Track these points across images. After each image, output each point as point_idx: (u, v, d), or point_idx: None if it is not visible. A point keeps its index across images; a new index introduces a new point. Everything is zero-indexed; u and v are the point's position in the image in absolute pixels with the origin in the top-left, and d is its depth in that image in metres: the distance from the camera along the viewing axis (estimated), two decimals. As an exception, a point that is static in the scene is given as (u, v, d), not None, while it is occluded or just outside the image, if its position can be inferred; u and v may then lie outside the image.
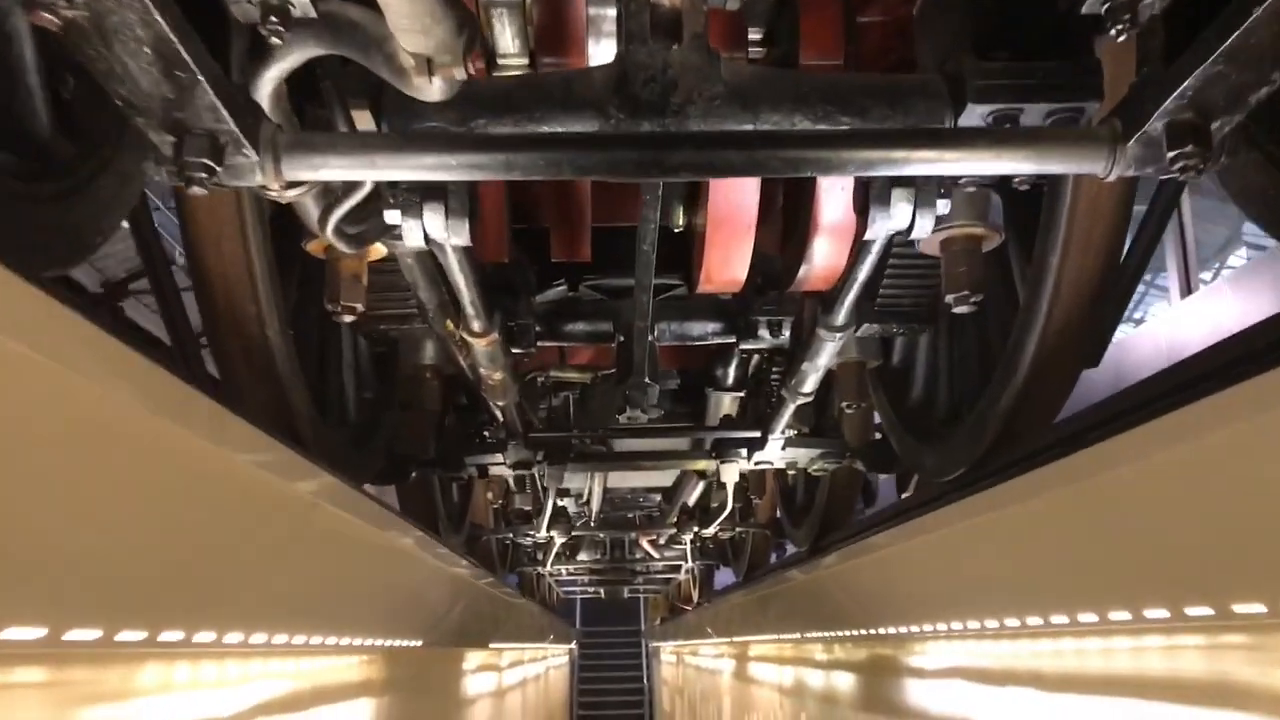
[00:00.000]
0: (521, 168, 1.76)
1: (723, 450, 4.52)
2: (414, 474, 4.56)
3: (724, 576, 14.45)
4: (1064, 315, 2.72)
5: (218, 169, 1.64)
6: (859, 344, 4.04)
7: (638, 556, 11.81)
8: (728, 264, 3.48)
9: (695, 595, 13.04)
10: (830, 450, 4.48)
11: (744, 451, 4.49)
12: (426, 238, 2.29)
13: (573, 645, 20.55)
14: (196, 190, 1.63)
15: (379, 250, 2.76)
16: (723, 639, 8.68)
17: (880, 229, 2.35)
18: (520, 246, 4.14)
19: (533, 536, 7.40)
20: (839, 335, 3.11)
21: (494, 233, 3.55)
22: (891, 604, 4.40)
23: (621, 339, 4.22)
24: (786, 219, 3.76)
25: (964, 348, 3.66)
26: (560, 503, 8.16)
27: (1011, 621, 2.98)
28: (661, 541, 10.82)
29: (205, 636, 2.27)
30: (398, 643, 3.52)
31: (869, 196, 2.32)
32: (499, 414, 4.04)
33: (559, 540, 7.67)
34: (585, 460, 4.69)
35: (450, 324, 3.16)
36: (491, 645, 5.76)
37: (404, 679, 3.79)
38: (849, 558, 4.86)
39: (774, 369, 4.92)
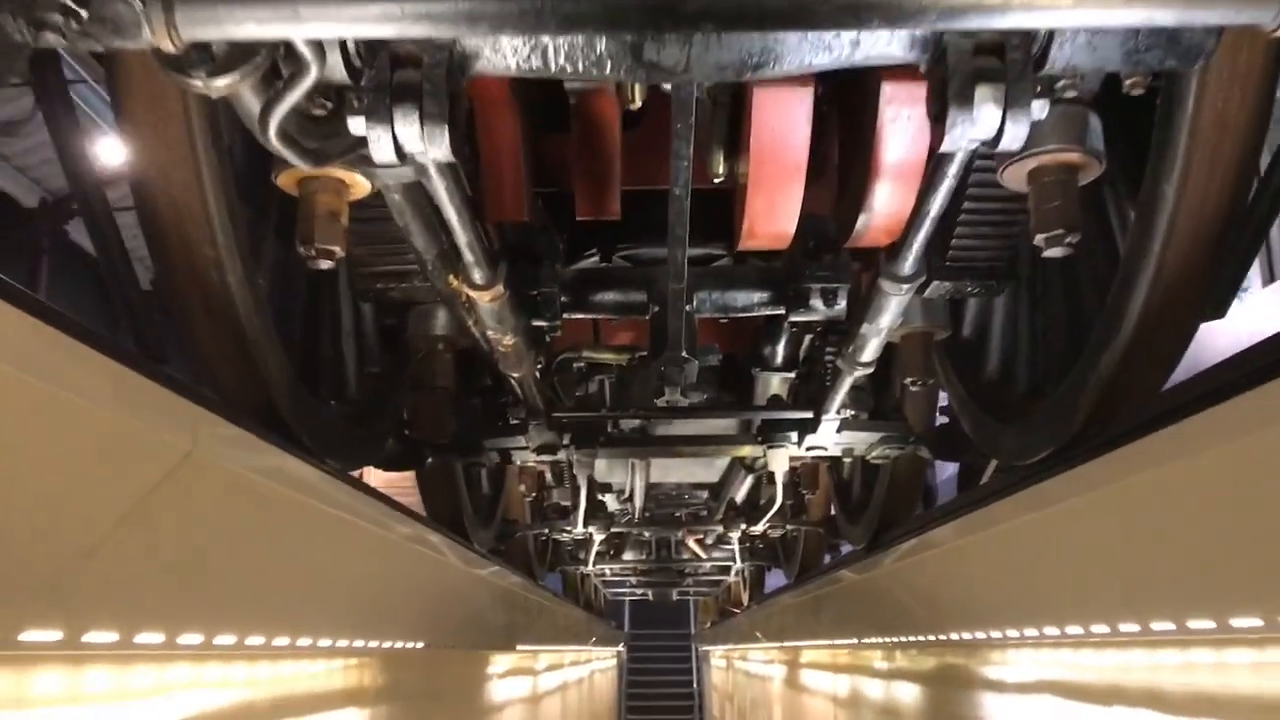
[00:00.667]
0: (490, 18, 1.33)
1: (770, 434, 4.05)
2: (430, 460, 4.16)
3: (775, 579, 13.95)
4: (1181, 255, 2.23)
5: (82, 13, 1.23)
6: (925, 309, 3.56)
7: (685, 557, 11.34)
8: (773, 213, 3.01)
9: (745, 598, 12.55)
10: (892, 434, 3.99)
11: (794, 435, 4.01)
12: (399, 150, 1.86)
13: (620, 648, 20.12)
14: (52, 41, 1.22)
15: (360, 185, 2.36)
16: (773, 643, 8.19)
17: (961, 137, 1.88)
18: (547, 213, 3.73)
19: (570, 533, 6.98)
20: (906, 288, 2.62)
21: (511, 188, 3.13)
22: (963, 606, 3.91)
23: (656, 309, 3.78)
24: (843, 171, 3.30)
25: (1049, 311, 3.16)
26: (601, 498, 7.75)
27: (1129, 626, 2.48)
28: (709, 541, 10.35)
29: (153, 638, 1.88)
30: (384, 644, 3.12)
31: (947, 96, 1.85)
32: (518, 390, 3.61)
33: (598, 537, 7.23)
34: (617, 445, 4.25)
35: (453, 278, 2.74)
36: (520, 647, 5.35)
37: (398, 683, 3.38)
38: (912, 554, 4.38)
39: (828, 347, 4.44)
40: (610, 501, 8.25)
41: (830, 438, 3.88)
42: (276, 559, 2.28)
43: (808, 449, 4.00)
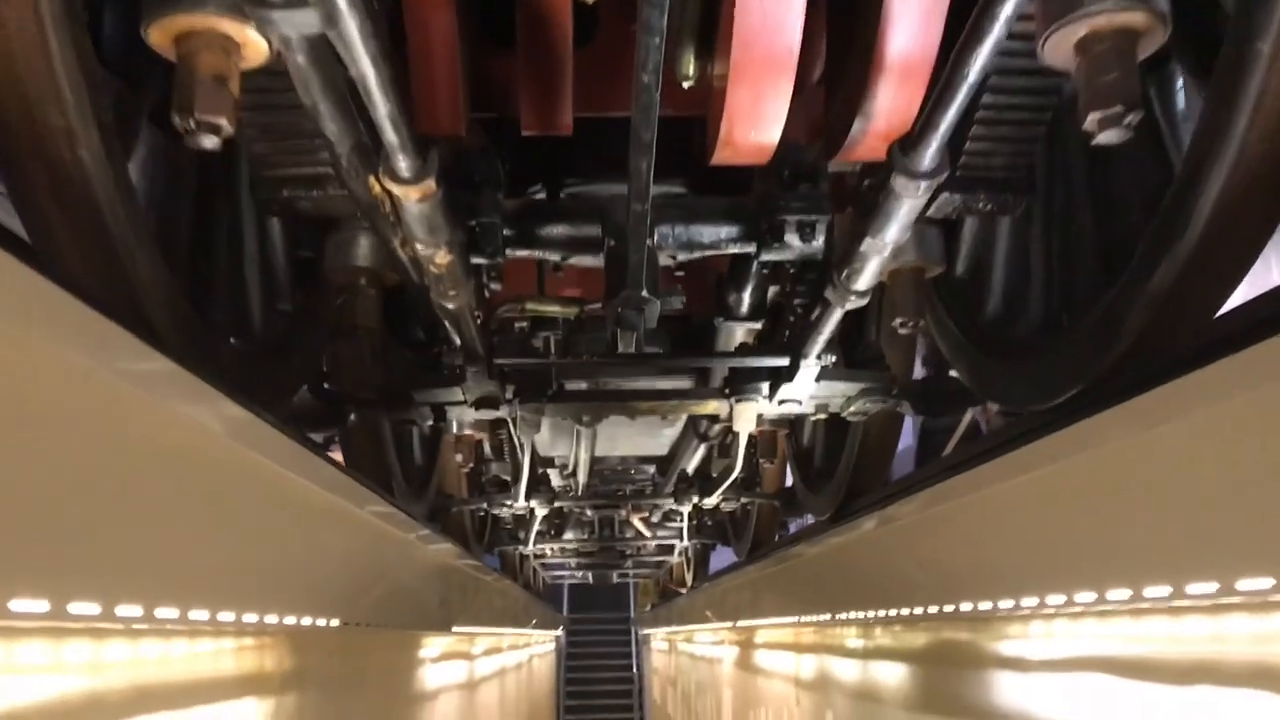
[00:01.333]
0: None
1: (739, 386, 3.61)
2: (352, 416, 3.66)
3: (719, 558, 13.60)
4: (1272, 132, 1.83)
5: None
6: (918, 241, 3.15)
7: (628, 536, 10.92)
8: (757, 114, 2.56)
9: (689, 578, 12.17)
10: (873, 386, 3.58)
11: (764, 388, 3.58)
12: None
13: (559, 632, 19.68)
14: None
15: (254, 46, 1.87)
16: (723, 623, 7.80)
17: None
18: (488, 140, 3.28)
19: (510, 507, 6.49)
20: (924, 185, 2.18)
21: (446, 94, 2.65)
22: (951, 578, 3.53)
23: (612, 243, 3.32)
24: (831, 73, 2.87)
25: (1071, 228, 2.75)
26: (543, 471, 7.27)
27: (1159, 590, 2.09)
28: (655, 519, 9.94)
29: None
30: (289, 620, 2.62)
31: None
32: (453, 332, 3.12)
33: (540, 513, 6.75)
34: (567, 400, 3.77)
35: (374, 180, 2.24)
36: (456, 629, 4.87)
37: (306, 667, 2.89)
38: (888, 522, 3.99)
39: (797, 295, 4.03)
40: (554, 477, 7.79)
41: (807, 389, 3.45)
42: (130, 505, 1.76)
43: (780, 402, 3.57)
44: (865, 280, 2.66)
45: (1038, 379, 2.72)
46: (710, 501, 6.33)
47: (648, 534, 10.16)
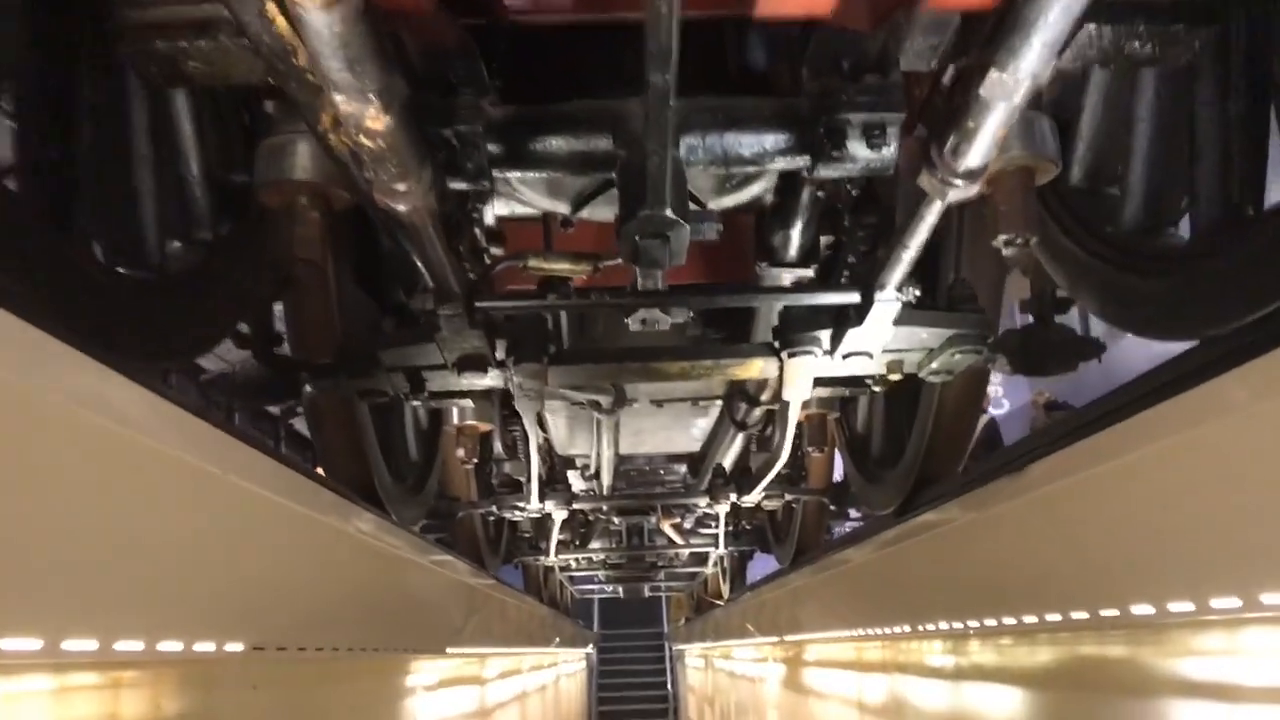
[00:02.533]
0: None
1: (792, 336, 2.82)
2: (307, 389, 2.93)
3: (757, 568, 12.78)
4: None
5: None
6: (1025, 133, 2.39)
7: (659, 545, 10.13)
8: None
9: (725, 590, 11.36)
10: (968, 331, 2.78)
11: (824, 338, 2.80)
12: None
13: (590, 649, 18.88)
14: None
15: None
16: (767, 638, 7.00)
17: None
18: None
19: (524, 511, 5.74)
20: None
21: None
22: (1056, 581, 2.76)
23: (624, 155, 2.58)
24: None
25: (1258, 94, 1.98)
26: (562, 470, 6.52)
27: None
28: (687, 525, 9.15)
29: None
30: (230, 647, 1.88)
31: None
32: (414, 252, 2.37)
33: (558, 517, 5.99)
34: (575, 361, 3.01)
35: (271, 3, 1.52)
36: (451, 650, 4.11)
37: (251, 699, 2.15)
38: (974, 513, 3.23)
39: (860, 230, 3.26)
40: (575, 481, 7.04)
41: (881, 334, 2.67)
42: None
43: (845, 356, 2.79)
44: (979, 151, 1.89)
45: (1208, 298, 1.95)
46: (750, 499, 5.54)
47: (680, 541, 9.37)
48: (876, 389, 3.68)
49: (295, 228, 2.44)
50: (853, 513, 7.77)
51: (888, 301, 2.51)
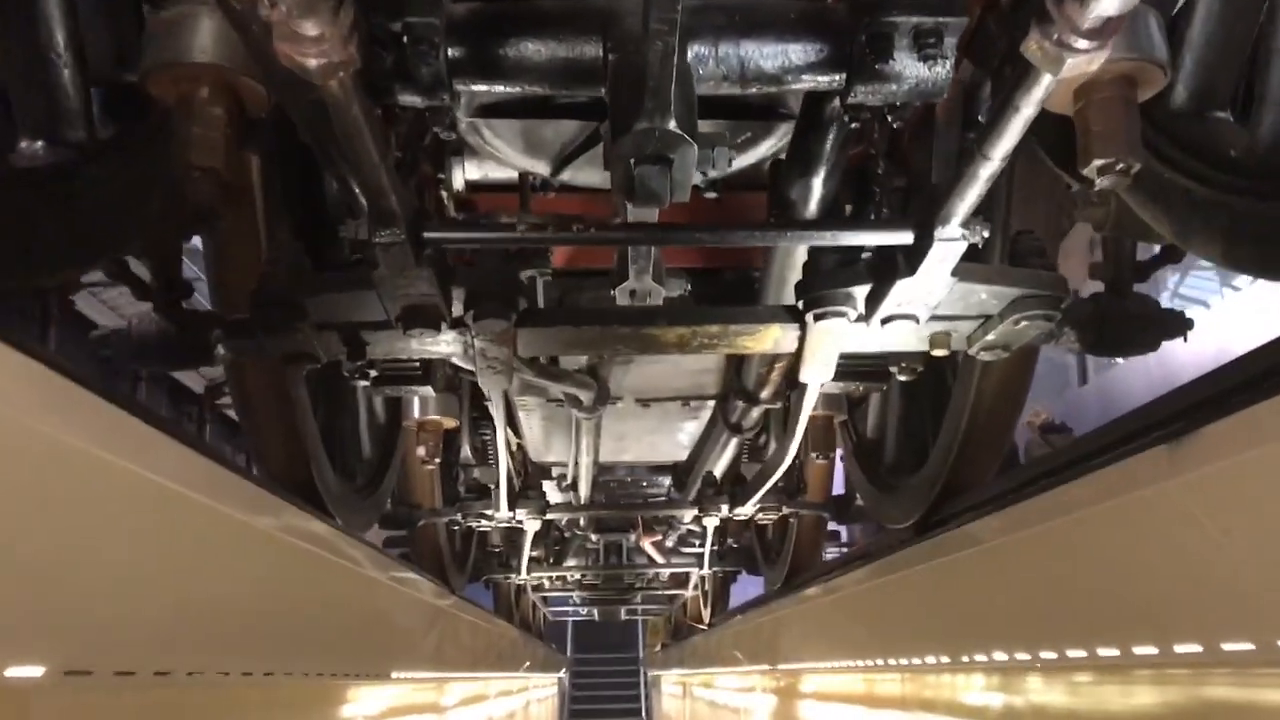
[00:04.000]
0: None
1: (821, 293, 2.25)
2: (220, 349, 2.36)
3: (740, 591, 12.20)
4: None
5: None
6: (1132, 30, 1.86)
7: (639, 564, 9.54)
8: None
9: (707, 614, 10.77)
10: (1040, 293, 2.23)
11: (859, 297, 2.24)
12: None
13: (562, 674, 18.19)
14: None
15: None
16: (755, 667, 6.41)
17: None
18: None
19: (491, 520, 5.17)
20: None
21: None
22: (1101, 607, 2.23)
23: (614, 57, 2.04)
24: None
25: None
26: (534, 477, 5.95)
27: None
28: (669, 543, 8.58)
29: None
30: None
31: None
32: (340, 159, 1.81)
33: (531, 527, 5.41)
34: (552, 322, 2.44)
35: None
36: (398, 674, 3.51)
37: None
38: (1013, 532, 2.71)
39: (895, 178, 2.74)
40: (550, 492, 6.46)
41: (935, 289, 2.13)
42: None
43: (884, 320, 2.25)
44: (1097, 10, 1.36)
45: None
46: (744, 511, 5.00)
47: (660, 560, 8.79)
48: (903, 377, 3.16)
49: (193, 127, 1.88)
50: (843, 535, 7.20)
51: (951, 241, 1.97)
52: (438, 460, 4.38)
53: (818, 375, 2.62)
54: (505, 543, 7.49)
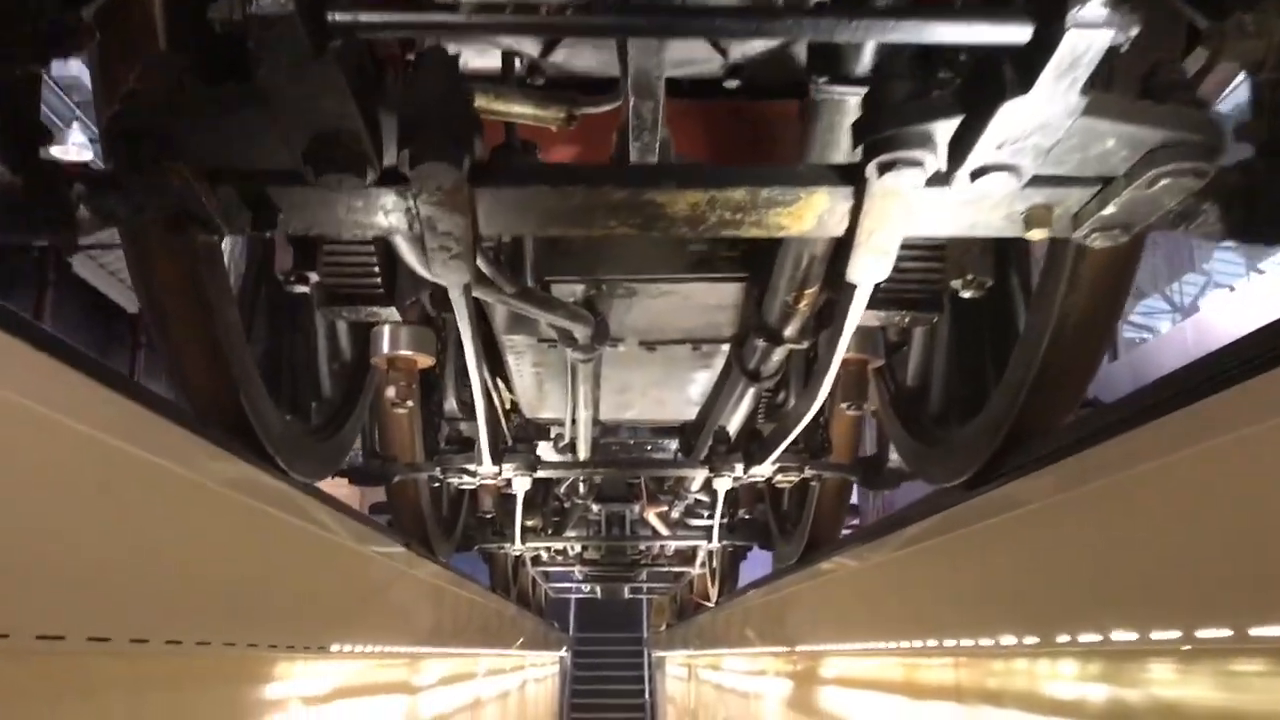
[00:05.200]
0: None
1: (888, 130, 1.63)
2: (83, 213, 1.76)
3: (749, 570, 11.62)
4: None
5: None
6: None
7: (643, 535, 8.96)
8: None
9: (714, 592, 10.19)
10: (1191, 137, 1.60)
11: (940, 138, 1.62)
12: None
13: (563, 653, 17.67)
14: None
15: None
16: (770, 648, 5.82)
17: None
18: None
19: (475, 476, 4.57)
20: None
21: None
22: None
23: None
24: None
25: None
26: (533, 438, 5.34)
27: None
28: (675, 514, 7.99)
29: None
30: None
31: None
32: None
33: (520, 486, 4.79)
34: (520, 180, 1.81)
35: None
36: (341, 648, 2.89)
37: None
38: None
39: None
40: (546, 454, 5.85)
41: (1053, 123, 1.51)
42: None
43: (976, 172, 1.63)
44: None
45: None
46: (761, 471, 4.39)
47: (666, 532, 8.21)
48: (967, 293, 2.56)
49: None
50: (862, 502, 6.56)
51: (1091, 28, 1.35)
52: (410, 404, 3.77)
53: (872, 269, 2.01)
54: (498, 509, 6.91)
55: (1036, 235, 1.86)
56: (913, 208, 1.83)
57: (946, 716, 3.23)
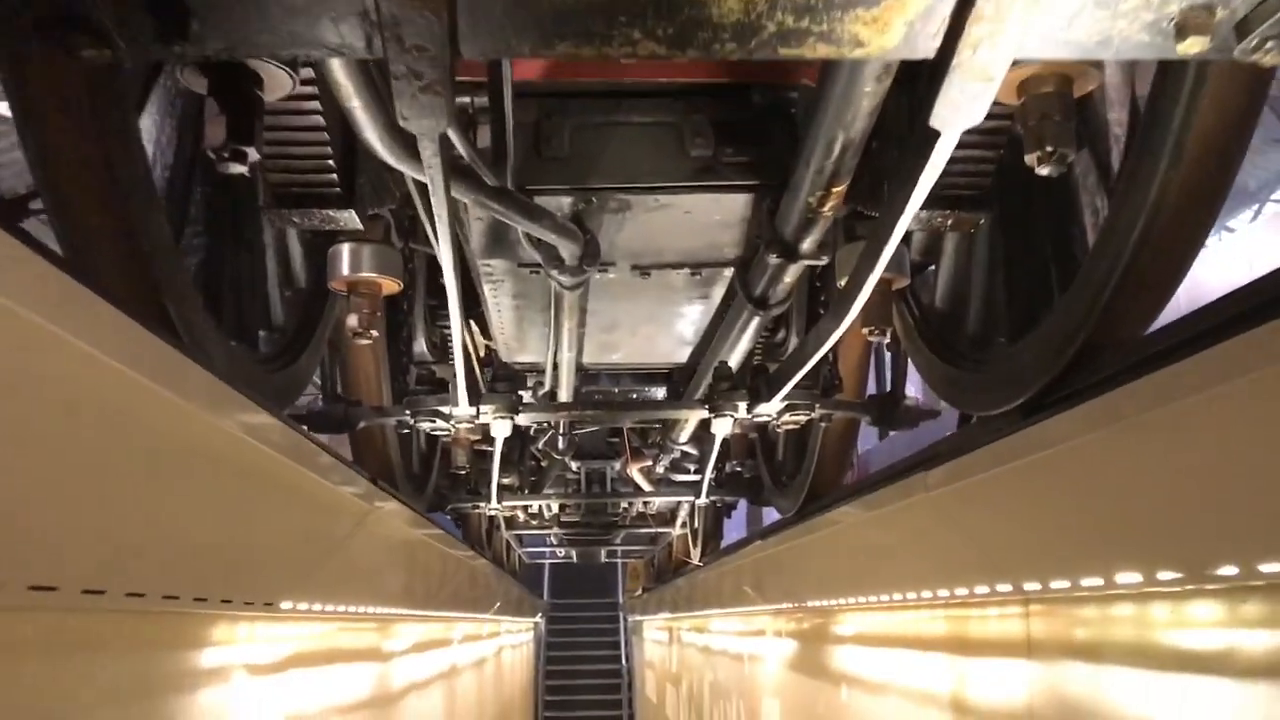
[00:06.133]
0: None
1: None
2: None
3: (733, 529, 11.27)
4: None
5: None
6: None
7: (623, 493, 8.53)
8: None
9: (696, 553, 9.80)
10: None
11: None
12: None
13: (538, 619, 17.31)
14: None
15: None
16: (774, 605, 5.41)
17: None
18: None
19: (449, 420, 4.10)
20: None
21: None
22: None
23: None
24: None
25: None
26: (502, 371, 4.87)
27: None
28: (661, 469, 7.56)
29: None
30: None
31: None
32: None
33: (499, 431, 4.32)
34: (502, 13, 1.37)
35: None
36: (294, 607, 2.41)
37: None
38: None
39: None
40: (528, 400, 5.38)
41: None
42: None
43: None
44: None
45: None
46: (769, 410, 3.96)
47: (649, 488, 7.79)
48: (1045, 170, 2.13)
49: None
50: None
51: None
52: (374, 334, 3.30)
53: (968, 106, 1.56)
54: (473, 466, 6.44)
55: (1190, 47, 1.43)
56: (1031, 15, 1.39)
57: (988, 674, 2.84)
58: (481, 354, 5.46)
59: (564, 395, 4.91)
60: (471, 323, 5.10)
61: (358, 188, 2.74)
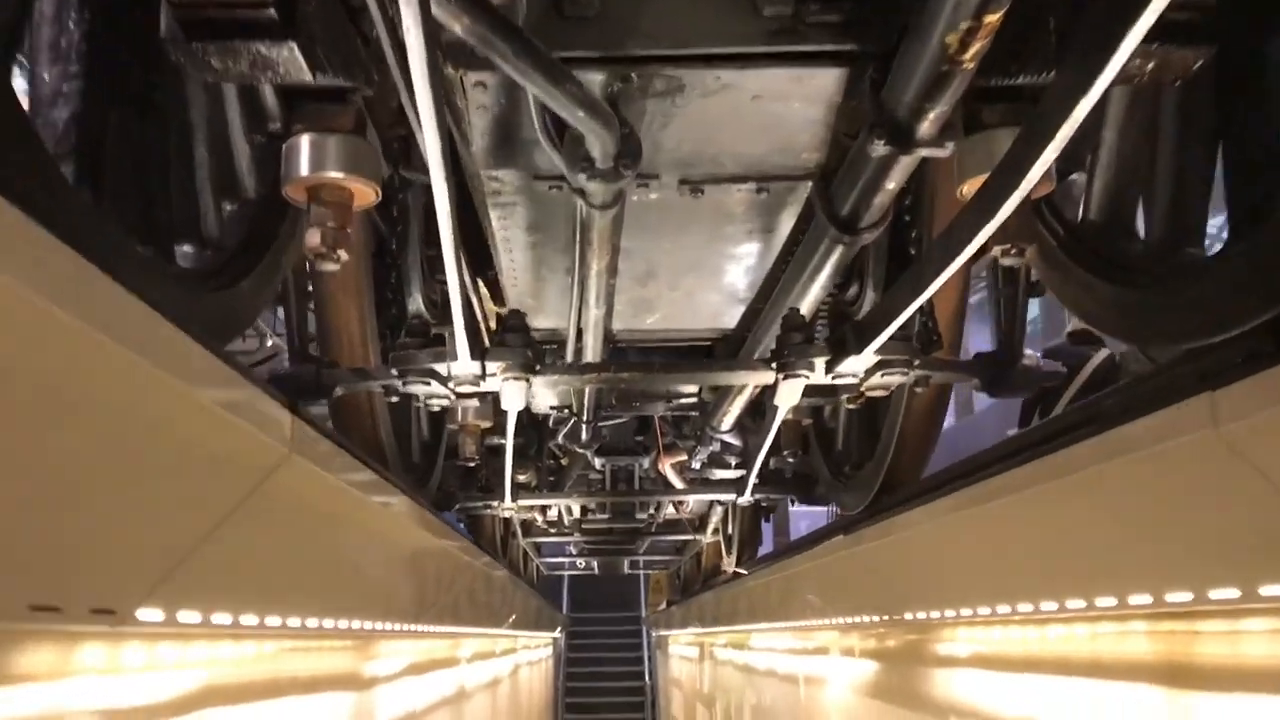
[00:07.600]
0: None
1: None
2: None
3: (769, 537, 10.38)
4: None
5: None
6: None
7: (653, 492, 7.67)
8: None
9: (731, 561, 8.91)
10: None
11: None
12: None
13: (557, 634, 16.43)
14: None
15: None
16: (829, 619, 4.53)
17: None
18: None
19: (447, 384, 3.24)
20: None
21: None
22: None
23: None
24: None
25: None
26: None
27: None
28: (696, 463, 6.69)
29: None
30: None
31: None
32: None
33: (511, 399, 3.43)
34: None
35: None
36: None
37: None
38: None
39: None
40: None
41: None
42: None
43: None
44: None
45: None
46: (858, 365, 3.09)
47: (680, 486, 6.93)
48: None
49: None
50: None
51: None
52: (340, 257, 2.45)
53: None
54: (484, 462, 5.60)
55: None
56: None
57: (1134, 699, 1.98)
58: (491, 324, 4.64)
59: (590, 356, 4.05)
60: (477, 281, 4.29)
61: (301, 15, 1.92)
